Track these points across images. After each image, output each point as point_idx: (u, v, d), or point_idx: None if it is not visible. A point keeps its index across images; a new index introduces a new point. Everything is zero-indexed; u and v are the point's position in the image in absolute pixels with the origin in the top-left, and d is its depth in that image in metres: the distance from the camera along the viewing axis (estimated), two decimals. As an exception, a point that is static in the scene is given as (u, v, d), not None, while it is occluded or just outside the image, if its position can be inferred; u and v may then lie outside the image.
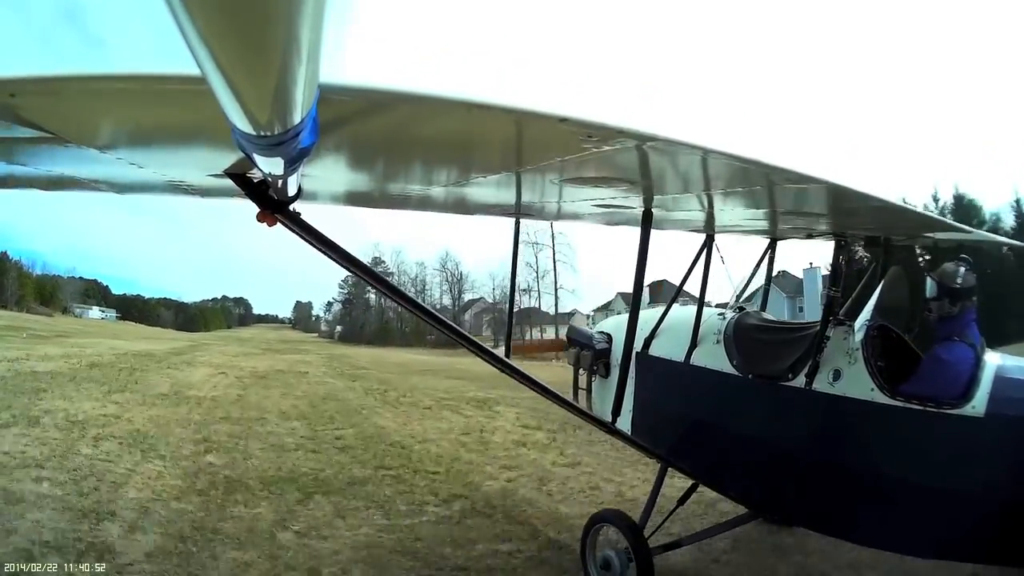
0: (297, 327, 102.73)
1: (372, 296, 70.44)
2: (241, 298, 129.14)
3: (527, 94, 1.50)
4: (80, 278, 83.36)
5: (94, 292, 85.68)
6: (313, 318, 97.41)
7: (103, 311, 79.91)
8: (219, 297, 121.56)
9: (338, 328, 74.23)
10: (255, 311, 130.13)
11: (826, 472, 3.32)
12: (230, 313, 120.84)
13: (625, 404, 3.76)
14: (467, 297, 66.55)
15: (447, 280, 68.81)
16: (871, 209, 3.08)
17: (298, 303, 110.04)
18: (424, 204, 2.87)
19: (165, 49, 1.11)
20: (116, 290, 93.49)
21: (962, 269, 3.28)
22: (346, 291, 67.79)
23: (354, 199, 2.81)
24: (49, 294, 66.82)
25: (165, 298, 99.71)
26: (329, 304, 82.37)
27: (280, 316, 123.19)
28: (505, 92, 1.49)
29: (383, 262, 72.06)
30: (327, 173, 2.13)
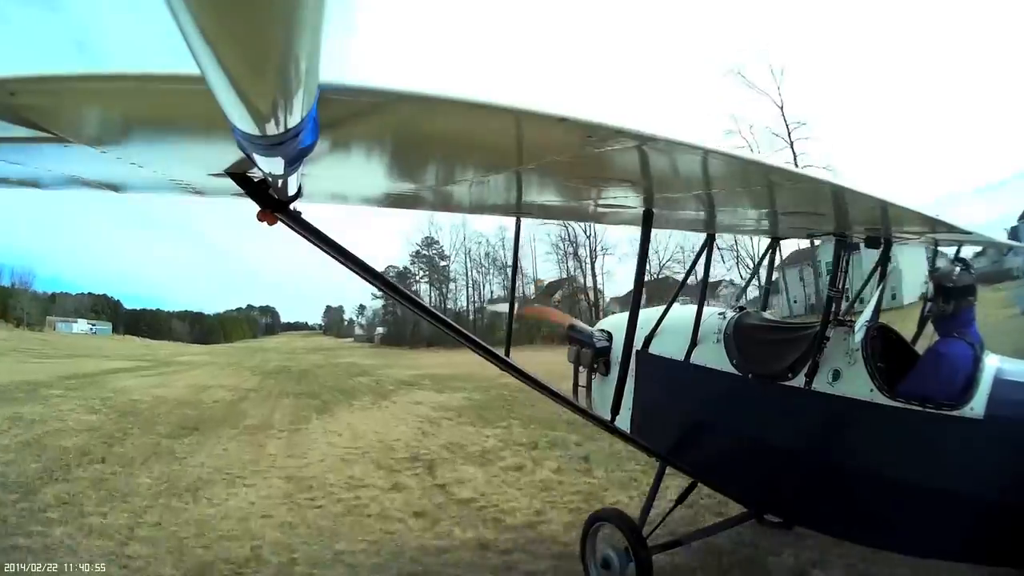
0: (329, 333, 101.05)
1: (423, 287, 60.22)
2: (268, 306, 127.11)
3: (527, 94, 1.50)
4: (90, 294, 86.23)
5: (103, 307, 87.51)
6: (345, 322, 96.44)
7: (92, 324, 79.43)
8: (244, 307, 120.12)
9: (379, 330, 67.95)
10: (283, 319, 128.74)
11: (825, 472, 3.32)
12: (255, 322, 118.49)
13: (624, 402, 3.74)
14: (599, 262, 53.70)
15: (568, 242, 52.07)
16: (871, 209, 3.08)
17: (328, 308, 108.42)
18: (424, 203, 2.86)
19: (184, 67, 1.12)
20: (135, 307, 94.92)
21: (959, 269, 3.29)
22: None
23: (354, 198, 2.81)
24: (13, 306, 67.52)
25: (185, 311, 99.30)
26: (361, 307, 79.01)
27: (310, 323, 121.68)
28: (505, 92, 1.49)
29: (436, 242, 63.26)
30: (327, 173, 2.12)
